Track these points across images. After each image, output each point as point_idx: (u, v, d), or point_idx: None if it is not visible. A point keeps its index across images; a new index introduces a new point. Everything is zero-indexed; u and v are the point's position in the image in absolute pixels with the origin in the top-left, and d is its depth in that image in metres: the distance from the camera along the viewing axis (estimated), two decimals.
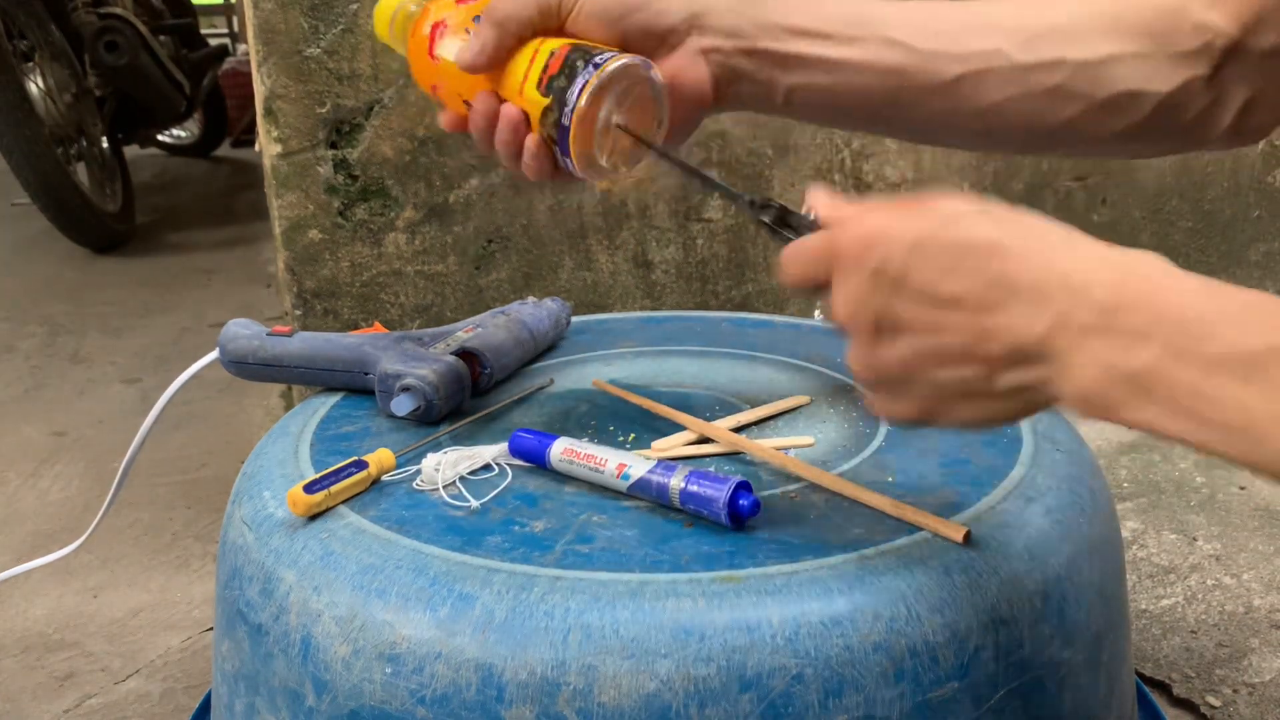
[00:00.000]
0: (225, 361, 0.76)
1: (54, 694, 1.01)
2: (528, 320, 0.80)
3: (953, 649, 0.50)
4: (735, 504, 0.54)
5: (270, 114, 1.22)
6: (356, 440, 0.67)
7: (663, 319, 0.92)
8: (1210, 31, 0.57)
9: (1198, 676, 0.97)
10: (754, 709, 0.47)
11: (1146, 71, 0.57)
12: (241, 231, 2.89)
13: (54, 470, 1.50)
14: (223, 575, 0.62)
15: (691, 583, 0.50)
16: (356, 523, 0.57)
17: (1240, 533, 1.19)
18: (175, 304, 2.29)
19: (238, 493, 0.64)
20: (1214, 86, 0.58)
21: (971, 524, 0.54)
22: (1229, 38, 0.57)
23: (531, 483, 0.61)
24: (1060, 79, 0.58)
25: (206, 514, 1.35)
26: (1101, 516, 0.61)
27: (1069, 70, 0.58)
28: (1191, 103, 0.58)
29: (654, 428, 0.67)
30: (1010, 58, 0.58)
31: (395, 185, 1.28)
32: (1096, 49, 0.58)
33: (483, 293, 1.34)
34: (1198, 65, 0.57)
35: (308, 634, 0.53)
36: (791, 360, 0.80)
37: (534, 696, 0.48)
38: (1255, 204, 1.66)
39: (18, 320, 2.20)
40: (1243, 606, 1.06)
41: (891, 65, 0.58)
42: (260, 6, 1.19)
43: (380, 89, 1.24)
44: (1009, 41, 0.58)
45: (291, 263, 1.27)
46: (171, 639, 1.09)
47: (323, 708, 0.52)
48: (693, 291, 1.42)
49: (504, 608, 0.49)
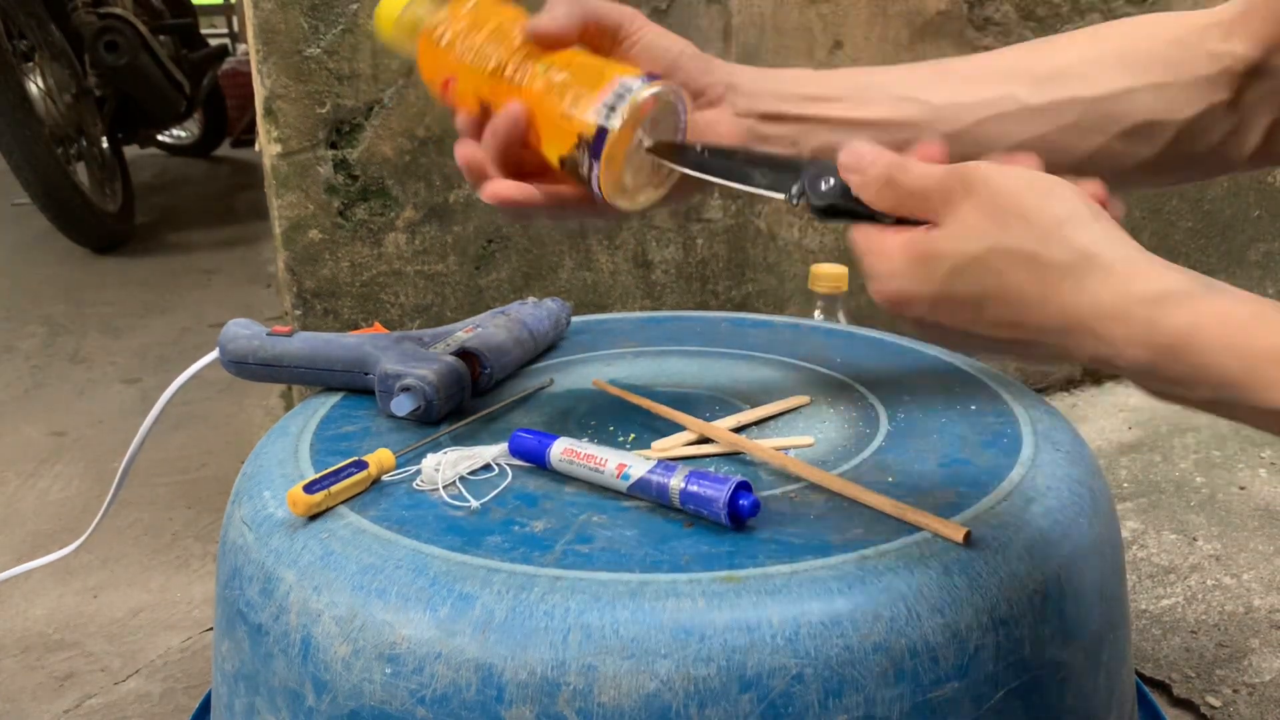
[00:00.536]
0: (225, 361, 0.76)
1: (54, 694, 1.01)
2: (528, 320, 0.80)
3: (953, 649, 0.50)
4: (735, 504, 0.54)
5: (270, 114, 1.22)
6: (356, 440, 0.67)
7: (663, 319, 0.92)
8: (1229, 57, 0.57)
9: (1198, 676, 0.97)
10: (754, 709, 0.47)
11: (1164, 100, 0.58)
12: (241, 231, 2.89)
13: (54, 470, 1.50)
14: (223, 575, 0.62)
15: (691, 583, 0.50)
16: (356, 523, 0.57)
17: (1240, 533, 1.19)
18: (175, 304, 2.29)
19: (238, 493, 0.64)
20: (1237, 110, 0.58)
21: (971, 524, 0.54)
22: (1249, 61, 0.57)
23: (531, 483, 0.61)
24: (1075, 116, 0.58)
25: (206, 514, 1.35)
26: (1101, 516, 0.61)
27: (1083, 107, 0.58)
28: (1215, 127, 0.58)
29: (654, 428, 0.67)
30: (1022, 101, 0.59)
31: (395, 185, 1.28)
32: (1109, 84, 0.58)
33: (483, 293, 1.34)
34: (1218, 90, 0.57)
35: (308, 634, 0.53)
36: (791, 360, 0.80)
37: (534, 696, 0.48)
38: (1255, 204, 1.66)
39: (18, 320, 2.20)
40: (1243, 606, 1.06)
41: (907, 119, 0.59)
42: (260, 6, 1.19)
43: (380, 89, 1.24)
44: (1019, 86, 0.59)
45: (291, 263, 1.27)
46: (171, 639, 1.09)
47: (323, 708, 0.52)
48: (693, 291, 1.42)
49: (504, 608, 0.49)
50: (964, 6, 1.42)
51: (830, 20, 1.37)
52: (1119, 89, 0.58)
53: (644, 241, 1.39)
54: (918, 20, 1.40)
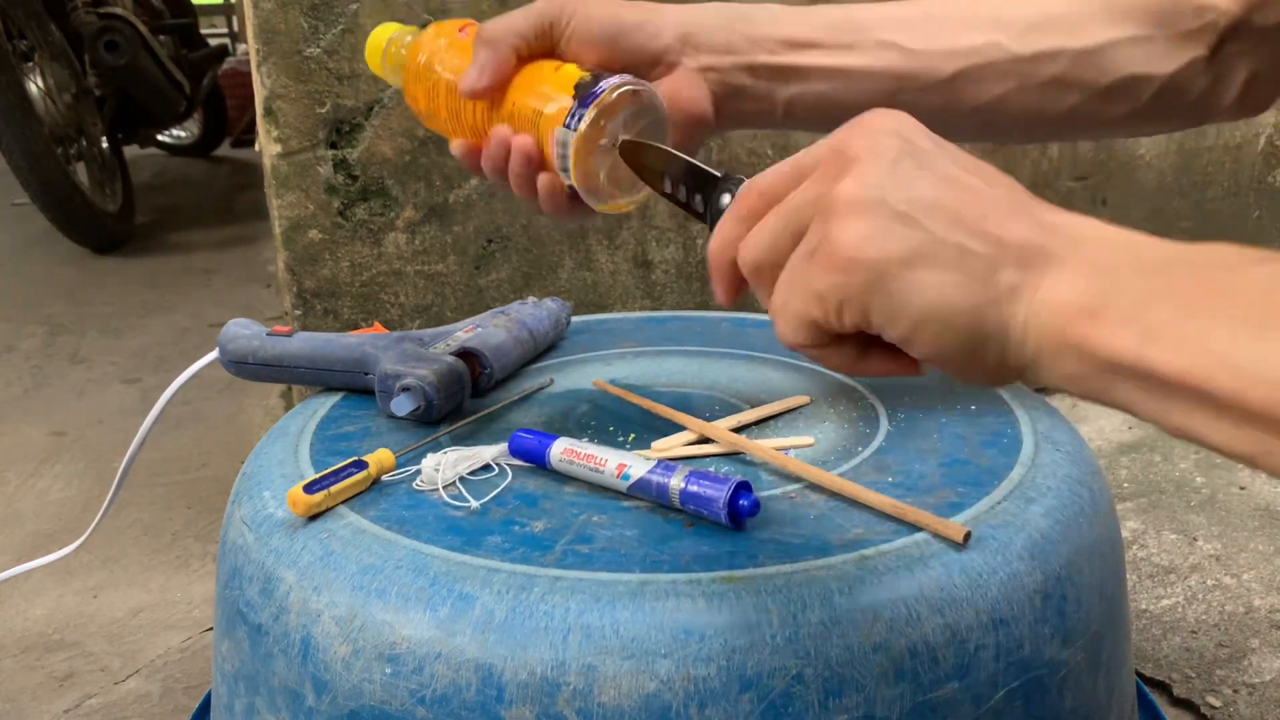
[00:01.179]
0: (225, 361, 0.76)
1: (54, 694, 1.01)
2: (528, 320, 0.80)
3: (953, 649, 0.50)
4: (735, 504, 0.54)
5: (270, 114, 1.22)
6: (356, 440, 0.67)
7: (663, 319, 0.92)
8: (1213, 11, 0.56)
9: (1198, 676, 0.97)
10: (754, 709, 0.47)
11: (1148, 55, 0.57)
12: (241, 231, 2.89)
13: (54, 470, 1.50)
14: (223, 575, 0.62)
15: (691, 583, 0.50)
16: (356, 523, 0.57)
17: (1240, 533, 1.19)
18: (175, 304, 2.29)
19: (238, 493, 0.64)
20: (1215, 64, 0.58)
21: (971, 524, 0.54)
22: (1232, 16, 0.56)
23: (531, 483, 0.61)
24: (1060, 68, 0.57)
25: (206, 514, 1.35)
26: (1101, 516, 0.61)
27: (1068, 59, 0.57)
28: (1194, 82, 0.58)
29: (654, 428, 0.67)
30: (1007, 50, 0.57)
31: (395, 185, 1.28)
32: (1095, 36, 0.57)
33: (483, 293, 1.34)
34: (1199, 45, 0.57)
35: (308, 634, 0.53)
36: (791, 360, 0.80)
37: (534, 697, 0.48)
38: (1255, 204, 1.66)
39: (18, 320, 2.20)
40: (1243, 606, 1.06)
41: (888, 68, 0.58)
42: (260, 6, 1.19)
43: (380, 89, 1.24)
44: (1005, 34, 0.58)
45: (291, 263, 1.27)
46: (171, 639, 1.09)
47: (323, 708, 0.52)
48: (693, 291, 1.42)
49: (504, 608, 0.49)
50: None
51: None
52: (1104, 40, 0.57)
53: (644, 241, 1.39)
54: None
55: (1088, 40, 0.57)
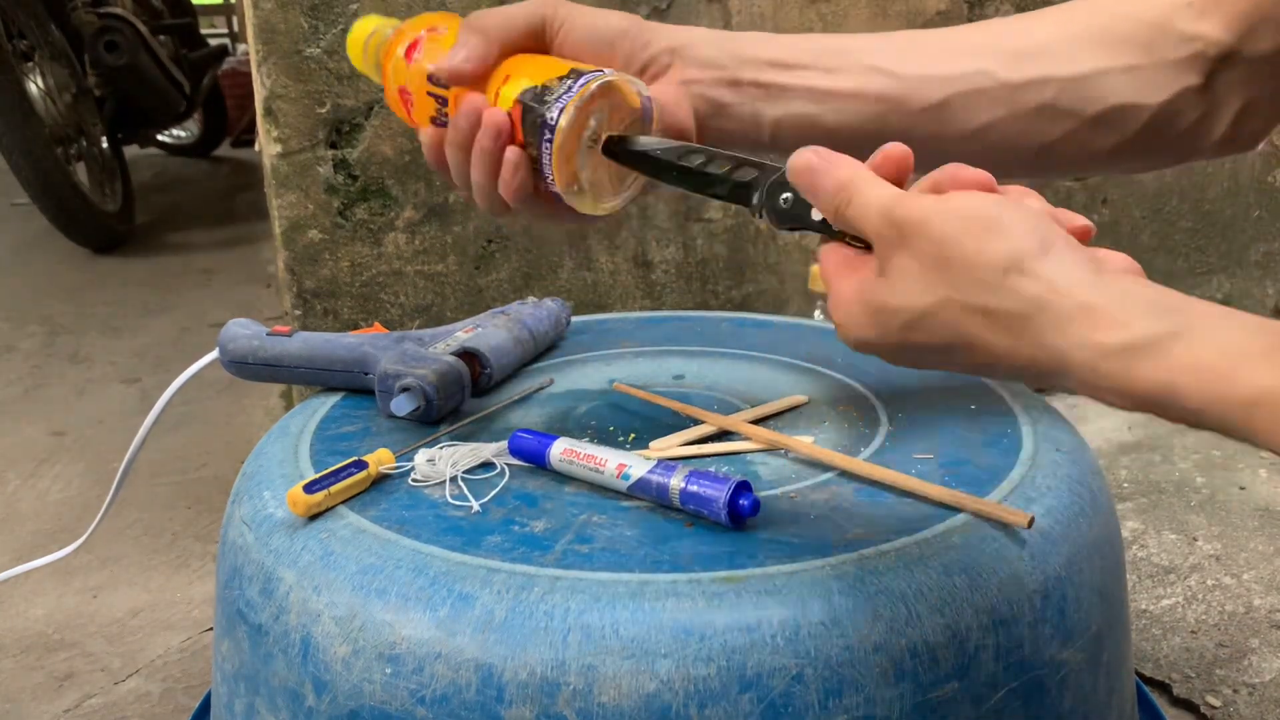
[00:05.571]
0: (225, 361, 0.76)
1: (54, 694, 1.01)
2: (528, 320, 0.80)
3: (953, 649, 0.50)
4: (735, 504, 0.54)
5: (270, 114, 1.22)
6: (356, 440, 0.67)
7: (663, 319, 0.92)
8: (1201, 41, 0.56)
9: (1198, 676, 0.97)
10: (754, 709, 0.47)
11: (1137, 84, 0.57)
12: (241, 231, 2.89)
13: (54, 470, 1.50)
14: (223, 575, 0.62)
15: (691, 583, 0.50)
16: (356, 523, 0.57)
17: (1240, 533, 1.19)
18: (175, 304, 2.29)
19: (238, 493, 0.64)
20: (1207, 95, 0.57)
21: (971, 523, 0.54)
22: (1222, 46, 0.56)
23: (531, 483, 0.61)
24: (1049, 96, 0.57)
25: (206, 514, 1.35)
26: (1101, 516, 0.61)
27: (1057, 87, 0.57)
28: (1185, 113, 0.58)
29: (655, 428, 0.67)
30: (996, 77, 0.57)
31: (395, 185, 1.28)
32: (1083, 64, 0.57)
33: (483, 293, 1.34)
34: (1190, 75, 0.57)
35: (308, 634, 0.53)
36: (791, 360, 0.80)
37: (534, 697, 0.48)
38: (1255, 204, 1.66)
39: (18, 320, 2.20)
40: (1243, 606, 1.06)
41: (876, 92, 0.57)
42: (260, 6, 1.19)
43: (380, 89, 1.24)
44: (994, 61, 0.57)
45: (291, 263, 1.27)
46: (171, 639, 1.09)
47: (323, 708, 0.52)
48: (693, 291, 1.42)
49: (504, 608, 0.49)
50: (964, 6, 1.42)
51: (830, 20, 1.37)
52: (1092, 69, 0.57)
53: (644, 241, 1.39)
54: (918, 20, 1.40)
55: (1076, 68, 0.57)
